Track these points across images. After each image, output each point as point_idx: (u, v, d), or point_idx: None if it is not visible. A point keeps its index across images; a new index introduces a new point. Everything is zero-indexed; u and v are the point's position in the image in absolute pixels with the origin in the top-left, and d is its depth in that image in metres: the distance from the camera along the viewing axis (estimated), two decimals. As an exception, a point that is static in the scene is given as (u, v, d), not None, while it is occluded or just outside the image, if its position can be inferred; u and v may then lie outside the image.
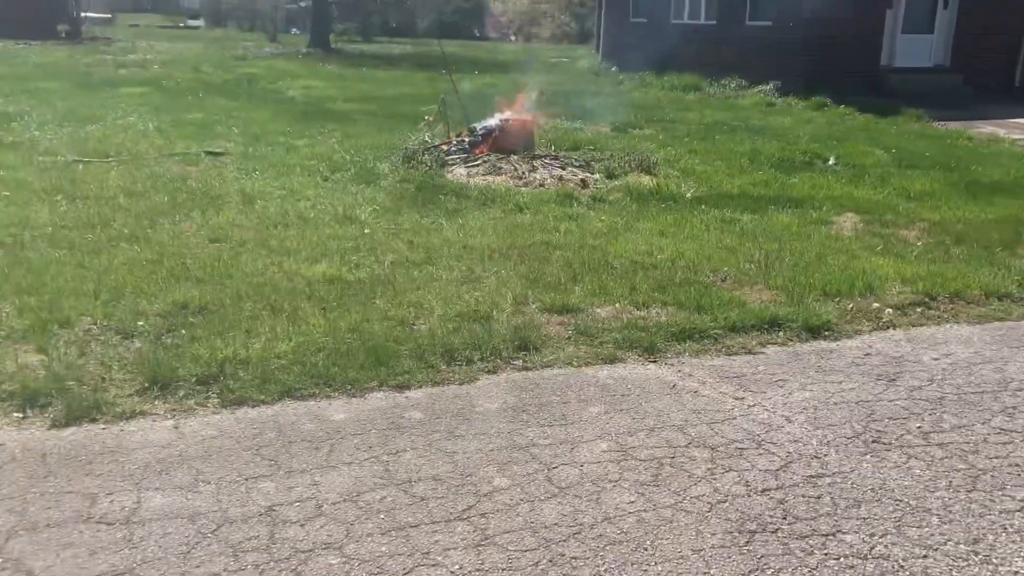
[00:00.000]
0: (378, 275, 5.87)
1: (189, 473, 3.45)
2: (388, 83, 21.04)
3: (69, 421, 3.84)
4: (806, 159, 11.02)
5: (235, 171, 9.15)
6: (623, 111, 14.90)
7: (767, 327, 5.23)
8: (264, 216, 7.31)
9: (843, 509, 3.34)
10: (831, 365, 4.77)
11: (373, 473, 3.49)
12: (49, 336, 4.66)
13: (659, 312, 5.42)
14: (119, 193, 7.90)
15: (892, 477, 3.59)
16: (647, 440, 3.86)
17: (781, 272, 6.20)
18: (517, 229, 7.19)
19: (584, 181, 9.29)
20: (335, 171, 9.31)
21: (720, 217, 7.81)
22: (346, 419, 3.95)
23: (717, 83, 19.97)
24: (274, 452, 3.63)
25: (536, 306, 5.44)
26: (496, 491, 3.40)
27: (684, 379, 4.54)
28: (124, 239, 6.47)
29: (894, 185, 9.53)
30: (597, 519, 3.23)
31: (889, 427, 4.04)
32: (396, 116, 14.00)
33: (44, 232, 6.59)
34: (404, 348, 4.67)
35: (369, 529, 3.12)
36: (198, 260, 5.98)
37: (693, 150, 11.39)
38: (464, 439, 3.82)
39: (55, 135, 11.02)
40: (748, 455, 3.75)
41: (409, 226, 7.21)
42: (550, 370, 4.61)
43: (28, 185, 8.11)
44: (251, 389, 4.15)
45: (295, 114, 14.12)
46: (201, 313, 5.05)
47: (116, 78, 19.15)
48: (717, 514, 3.29)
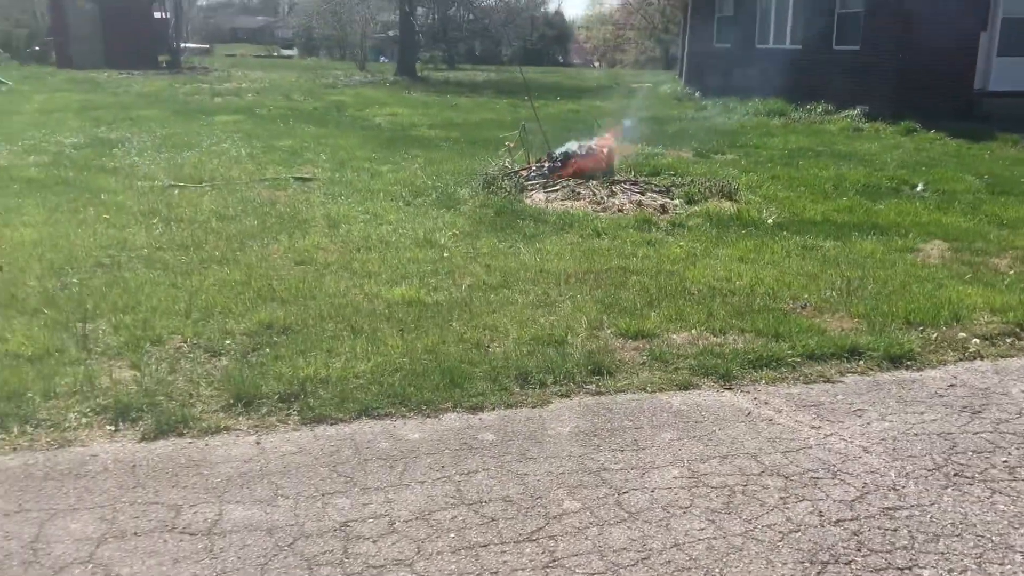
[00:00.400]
0: (455, 298, 5.97)
1: (269, 487, 3.56)
2: (471, 110, 21.36)
3: (158, 435, 4.01)
4: (893, 185, 10.79)
5: (321, 196, 9.41)
6: (705, 136, 14.83)
7: (847, 356, 5.14)
8: (348, 240, 7.51)
9: (921, 543, 3.26)
10: (912, 395, 4.67)
11: (445, 493, 3.56)
12: (142, 353, 4.87)
13: (736, 339, 5.37)
14: (211, 217, 8.21)
15: (974, 512, 3.49)
16: (719, 467, 3.83)
17: (863, 300, 6.09)
18: (594, 254, 7.22)
19: (663, 206, 9.27)
20: (417, 196, 9.50)
21: (802, 243, 7.71)
22: (420, 439, 4.03)
23: (802, 108, 19.69)
24: (350, 469, 3.73)
25: (611, 331, 5.45)
26: (565, 514, 3.42)
27: (759, 407, 4.49)
28: (215, 261, 6.72)
29: (985, 212, 9.26)
30: (666, 545, 3.22)
31: (972, 460, 3.93)
32: (478, 142, 14.20)
33: (140, 253, 6.89)
34: (478, 370, 4.74)
35: (440, 547, 3.17)
36: (284, 282, 6.18)
37: (776, 176, 11.26)
38: (535, 462, 3.85)
39: (153, 161, 11.51)
40: (823, 485, 3.69)
41: (487, 250, 7.31)
42: (623, 395, 4.61)
43: (127, 208, 8.49)
44: (330, 407, 4.26)
45: (381, 141, 14.44)
46: (285, 333, 5.21)
47: (212, 106, 19.89)
48: (789, 544, 3.25)
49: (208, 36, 63.87)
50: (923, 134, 16.08)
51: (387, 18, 47.65)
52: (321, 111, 19.51)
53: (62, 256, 6.67)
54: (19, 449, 3.84)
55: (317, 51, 60.11)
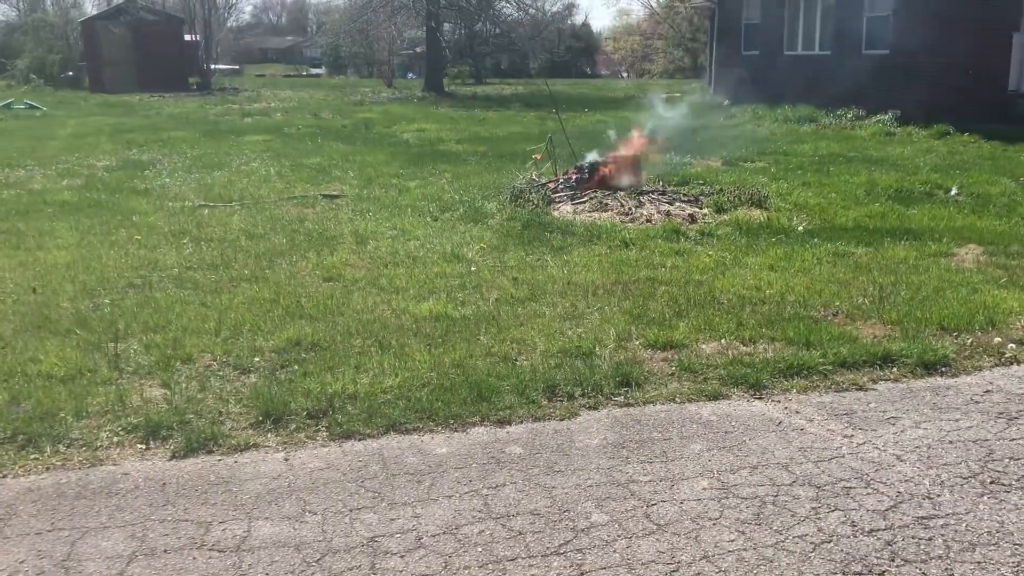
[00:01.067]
0: (483, 312, 5.97)
1: (297, 504, 3.57)
2: (498, 123, 21.42)
3: (188, 452, 4.03)
4: (926, 190, 10.65)
5: (349, 213, 9.47)
6: (734, 144, 14.75)
7: (879, 363, 5.07)
8: (375, 256, 7.55)
9: (956, 552, 3.20)
10: (947, 402, 4.59)
11: (472, 507, 3.54)
12: (172, 372, 4.92)
13: (766, 348, 5.32)
14: (240, 235, 8.29)
15: (1011, 520, 3.41)
16: (750, 478, 3.79)
17: (896, 306, 6.00)
18: (622, 265, 7.20)
19: (692, 216, 9.22)
20: (444, 211, 9.53)
21: (833, 250, 7.63)
22: (448, 453, 4.03)
23: (832, 114, 19.54)
24: (378, 484, 3.73)
25: (639, 342, 5.42)
26: (593, 527, 3.40)
27: (790, 416, 4.44)
28: (244, 279, 6.78)
29: (1021, 215, 9.12)
30: (695, 557, 3.19)
31: (1010, 467, 3.85)
32: (505, 156, 14.23)
33: (171, 273, 6.97)
34: (506, 384, 4.72)
35: (467, 562, 3.16)
36: (312, 298, 6.21)
37: (806, 182, 11.17)
38: (563, 474, 3.83)
39: (184, 181, 11.66)
40: (855, 494, 3.63)
41: (514, 263, 7.31)
42: (652, 406, 4.58)
43: (158, 229, 8.60)
44: (358, 423, 4.27)
45: (408, 156, 14.53)
46: (313, 349, 5.24)
47: (241, 126, 20.14)
48: (820, 554, 3.19)
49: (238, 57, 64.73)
50: (957, 137, 15.88)
51: (414, 34, 48.00)
52: (349, 129, 19.67)
53: (94, 277, 6.77)
54: (52, 468, 3.88)
55: (345, 69, 60.65)
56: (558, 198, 10.06)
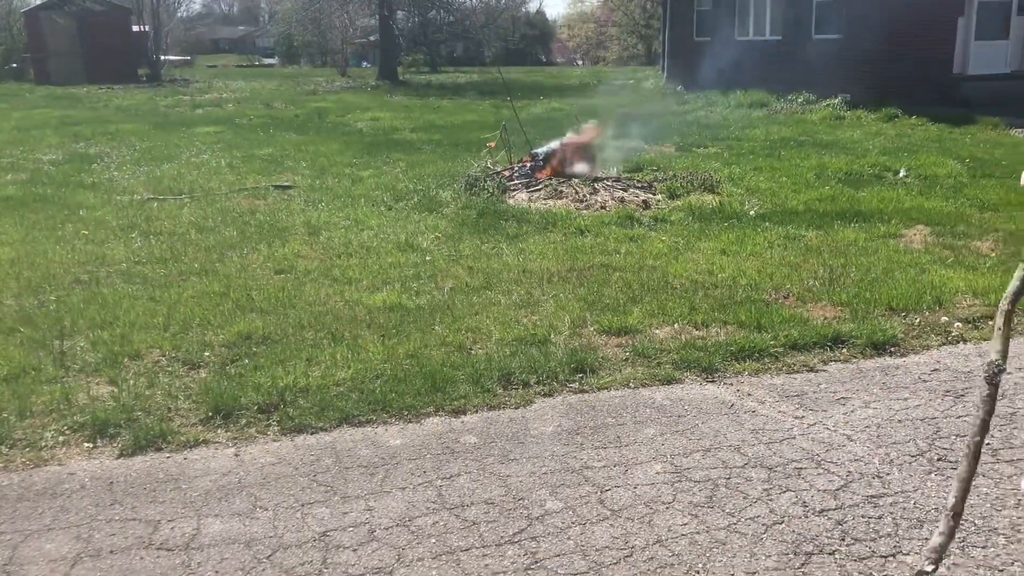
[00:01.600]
0: (437, 301, 5.93)
1: (247, 500, 3.53)
2: (453, 112, 21.31)
3: (136, 450, 3.96)
4: (875, 172, 10.80)
5: (302, 203, 9.36)
6: (687, 130, 14.82)
7: (830, 344, 5.12)
8: (328, 246, 7.47)
9: (905, 530, 3.25)
10: (896, 382, 4.65)
11: (426, 498, 3.52)
12: (120, 368, 4.82)
13: (718, 331, 5.35)
14: (190, 229, 8.15)
15: (958, 496, 3.47)
16: (702, 461, 3.81)
17: (846, 288, 6.08)
18: (577, 252, 7.20)
19: (646, 202, 9.25)
20: (399, 200, 9.46)
21: (784, 234, 7.70)
22: (402, 444, 4.00)
23: (784, 99, 19.72)
24: (330, 478, 3.69)
25: (594, 328, 5.43)
26: (548, 514, 3.39)
27: (742, 398, 4.47)
28: (194, 273, 6.67)
29: (967, 195, 9.27)
30: (649, 541, 3.20)
31: (956, 444, 3.92)
32: (460, 144, 14.16)
33: (119, 268, 6.83)
34: (461, 373, 4.70)
35: (420, 554, 3.14)
36: (263, 291, 6.13)
37: (758, 167, 11.26)
38: (518, 463, 3.82)
39: (132, 175, 11.44)
40: (807, 475, 3.67)
41: (470, 252, 7.27)
42: (606, 392, 4.59)
43: (106, 223, 8.43)
44: (310, 416, 4.22)
45: (362, 146, 14.39)
46: (264, 343, 5.17)
47: (192, 118, 19.80)
48: (773, 536, 3.22)
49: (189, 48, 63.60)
50: (905, 120, 16.11)
51: (367, 23, 47.54)
52: (302, 118, 19.44)
53: (39, 274, 6.61)
54: (-6, 470, 3.79)
55: (298, 59, 59.91)
56: (513, 186, 10.03)
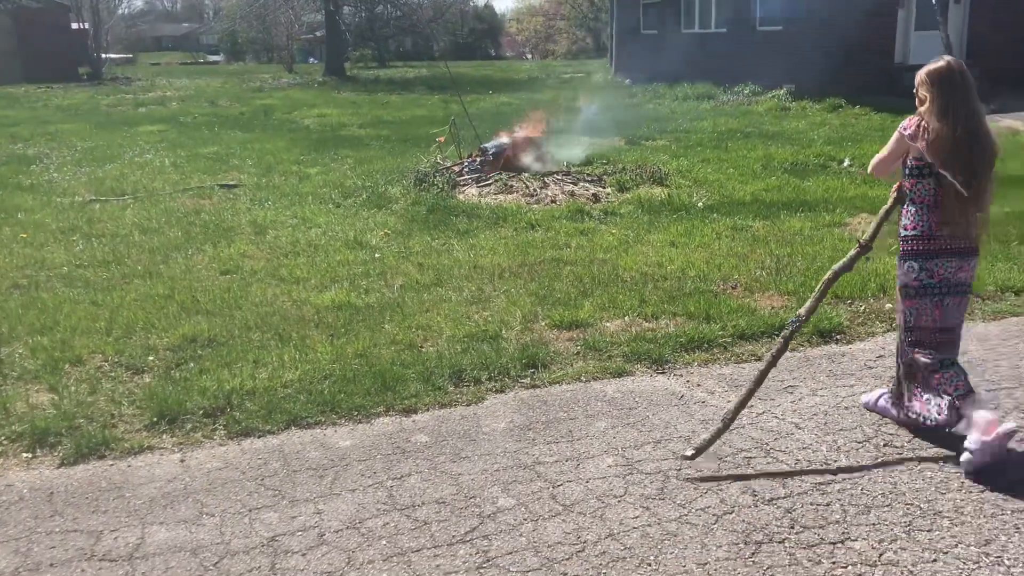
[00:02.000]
0: (387, 299, 5.88)
1: (194, 506, 3.46)
2: (402, 107, 21.18)
3: (78, 459, 3.86)
4: (820, 162, 10.95)
5: (248, 202, 9.23)
6: (636, 123, 14.89)
7: (777, 333, 5.13)
8: (275, 246, 7.37)
9: (852, 516, 3.28)
10: (842, 369, 4.71)
11: (377, 499, 3.48)
12: (60, 375, 4.71)
13: (668, 323, 5.38)
14: (134, 230, 7.99)
15: (903, 481, 3.52)
16: (653, 453, 3.82)
17: (792, 277, 6.14)
18: (528, 247, 7.19)
19: (596, 195, 9.27)
20: (347, 197, 9.37)
21: (732, 225, 7.76)
22: (351, 445, 3.95)
23: (730, 90, 19.91)
24: (278, 482, 3.63)
25: (545, 323, 5.42)
26: (500, 512, 3.37)
27: (692, 389, 4.50)
28: (137, 275, 6.54)
29: (909, 183, 9.42)
30: (601, 536, 3.19)
31: (901, 429, 3.97)
32: (409, 139, 14.08)
33: (60, 272, 6.67)
34: (411, 372, 4.66)
35: (371, 556, 3.10)
36: (208, 293, 6.03)
37: (705, 159, 11.35)
38: (469, 460, 3.80)
39: (73, 176, 11.18)
40: (756, 464, 3.70)
41: (420, 249, 7.23)
42: (558, 386, 4.58)
43: (45, 226, 8.23)
44: (257, 419, 4.16)
45: (309, 143, 14.24)
46: (210, 345, 5.08)
47: (135, 117, 19.43)
48: (723, 526, 3.24)
49: (131, 46, 62.28)
50: (848, 110, 16.36)
51: (313, 18, 47.04)
52: (248, 116, 19.18)
53: (-25, 279, 6.43)
54: (-71, 484, 3.67)
55: (244, 56, 59.06)
56: (463, 181, 9.99)
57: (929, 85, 3.61)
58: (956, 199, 3.57)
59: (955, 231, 3.63)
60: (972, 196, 3.55)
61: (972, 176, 3.54)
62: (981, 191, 3.59)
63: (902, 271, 3.79)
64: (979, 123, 3.59)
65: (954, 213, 3.60)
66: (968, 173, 3.53)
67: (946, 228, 3.63)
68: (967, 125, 3.55)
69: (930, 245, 3.67)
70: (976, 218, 3.64)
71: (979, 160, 3.57)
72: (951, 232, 3.63)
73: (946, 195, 3.60)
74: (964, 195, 3.53)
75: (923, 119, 3.63)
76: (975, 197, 3.57)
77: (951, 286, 3.70)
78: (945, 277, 3.69)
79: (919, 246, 3.70)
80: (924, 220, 3.68)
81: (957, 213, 3.59)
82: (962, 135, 3.53)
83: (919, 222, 3.69)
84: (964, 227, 3.62)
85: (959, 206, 3.58)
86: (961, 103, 3.57)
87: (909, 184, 3.73)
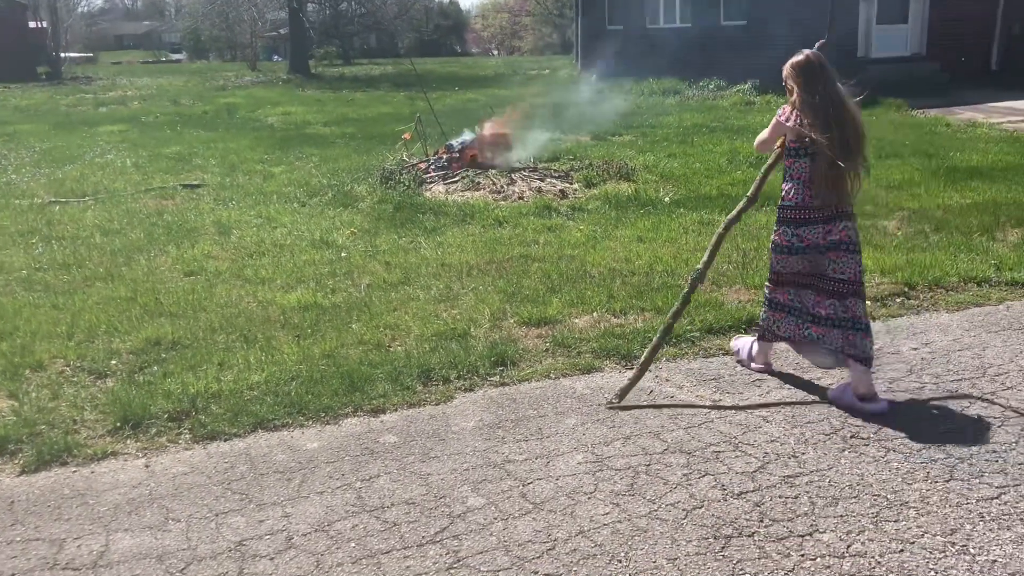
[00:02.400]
0: (354, 299, 5.84)
1: (159, 512, 3.40)
2: (367, 104, 21.06)
3: (39, 466, 3.79)
4: (785, 155, 10.99)
5: (211, 202, 9.12)
6: (602, 119, 14.91)
7: (744, 327, 5.20)
8: (240, 246, 7.29)
9: (820, 508, 3.30)
10: (808, 363, 4.73)
11: (345, 501, 3.45)
12: (20, 380, 4.62)
13: (636, 318, 5.39)
14: (95, 232, 7.87)
15: (870, 472, 3.55)
16: (623, 449, 3.82)
17: (758, 271, 6.17)
18: (495, 244, 7.17)
19: (563, 192, 9.27)
20: (312, 196, 9.29)
21: (698, 219, 7.80)
22: (319, 447, 3.91)
23: (695, 85, 20.01)
24: (245, 486, 3.58)
25: (514, 320, 5.41)
26: (470, 511, 3.36)
27: (661, 384, 4.51)
28: (99, 278, 6.43)
29: (873, 175, 9.44)
30: (571, 533, 3.19)
31: (868, 421, 4.00)
32: (375, 137, 14.00)
33: (19, 276, 6.55)
34: (379, 371, 4.63)
35: (339, 559, 3.07)
36: (172, 295, 5.95)
37: (672, 154, 11.39)
38: (439, 460, 3.77)
39: (32, 177, 11.00)
40: (725, 458, 3.71)
41: (387, 247, 7.18)
42: (527, 384, 4.57)
43: (4, 229, 8.08)
44: (223, 423, 4.10)
45: (273, 141, 14.11)
46: (174, 348, 5.01)
47: (95, 117, 19.16)
48: (693, 521, 3.25)
49: (91, 44, 61.47)
50: (811, 104, 16.46)
51: (277, 16, 46.65)
52: (211, 115, 18.97)
53: (-68, 284, 6.30)
54: None
55: (207, 54, 58.45)
56: (430, 178, 9.95)
57: (795, 76, 4.15)
58: (827, 174, 4.06)
59: (825, 201, 4.11)
60: (839, 171, 4.03)
61: (844, 149, 4.02)
62: (853, 162, 4.07)
63: (778, 233, 4.31)
64: (842, 103, 4.08)
65: (824, 186, 4.09)
66: (840, 147, 4.00)
67: (817, 200, 4.12)
68: (831, 106, 4.03)
69: (802, 215, 4.19)
70: (846, 188, 4.11)
71: (849, 135, 4.04)
72: (821, 203, 4.12)
73: (817, 172, 4.09)
74: (835, 170, 4.02)
75: (794, 106, 4.13)
76: (842, 171, 4.04)
77: (825, 248, 4.16)
78: (814, 242, 4.18)
79: (793, 215, 4.22)
80: (800, 193, 4.18)
81: (827, 186, 4.08)
82: (830, 116, 4.02)
83: (795, 195, 4.20)
84: (833, 197, 4.10)
85: (829, 180, 4.06)
86: (823, 89, 4.06)
87: (788, 163, 4.25)
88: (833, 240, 4.14)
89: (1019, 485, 3.41)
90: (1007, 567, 2.92)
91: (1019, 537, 3.08)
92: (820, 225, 4.14)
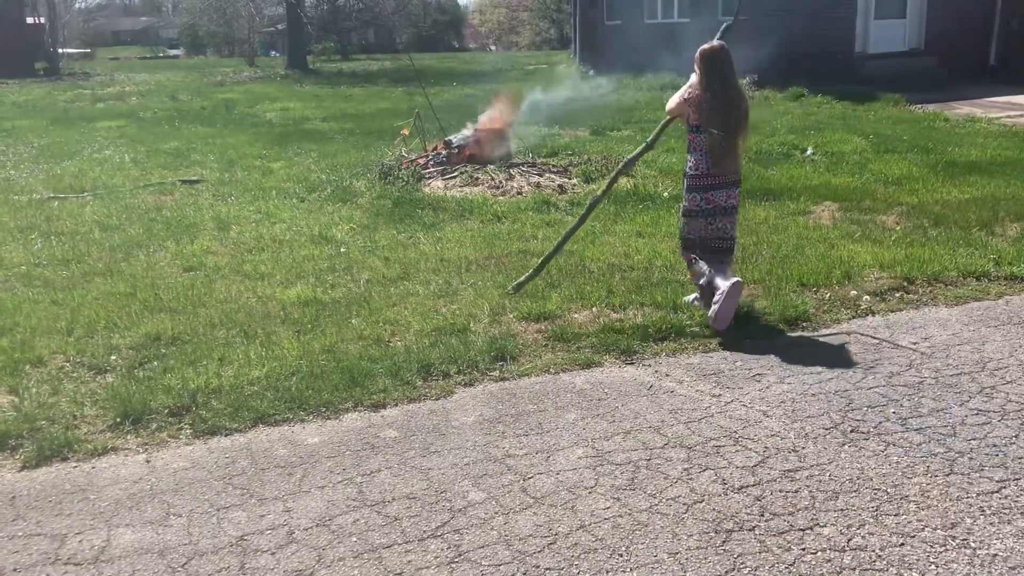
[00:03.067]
0: (354, 294, 5.84)
1: (160, 507, 3.41)
2: (365, 100, 21.04)
3: (40, 462, 3.80)
4: (783, 151, 11.02)
5: (210, 198, 9.12)
6: (601, 114, 14.90)
7: (744, 321, 5.20)
8: (239, 242, 7.28)
9: (821, 502, 3.31)
10: (809, 356, 4.74)
11: (346, 496, 3.45)
12: (21, 376, 4.62)
13: (636, 313, 5.39)
14: (94, 227, 7.86)
15: (870, 466, 3.56)
16: (623, 443, 3.82)
17: (758, 265, 6.19)
18: (494, 239, 7.17)
19: (561, 187, 9.27)
20: (311, 192, 9.29)
21: (697, 214, 7.78)
22: (320, 442, 3.92)
23: (694, 80, 19.94)
24: (246, 480, 3.59)
25: (513, 315, 5.41)
26: (471, 506, 3.36)
27: (661, 379, 4.51)
28: (98, 274, 6.43)
29: (872, 171, 9.54)
30: (572, 527, 3.19)
31: (867, 415, 4.02)
32: (373, 132, 13.98)
33: (18, 271, 6.54)
34: (379, 366, 4.63)
35: (341, 553, 3.08)
36: (172, 290, 5.95)
37: (670, 148, 11.35)
38: (439, 455, 3.78)
39: (31, 173, 10.97)
40: (725, 453, 3.72)
41: (386, 242, 7.18)
42: (527, 379, 4.57)
43: (3, 225, 8.06)
44: (223, 418, 4.11)
45: (272, 137, 14.09)
46: (174, 344, 5.01)
47: (93, 112, 19.12)
48: (693, 515, 3.25)
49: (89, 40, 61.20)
50: (811, 98, 16.50)
51: (274, 11, 46.55)
52: (209, 110, 18.94)
53: (-69, 280, 6.29)
54: None
55: (204, 50, 58.30)
56: (428, 174, 9.95)
57: (700, 62, 5.01)
58: (719, 147, 4.94)
59: (722, 170, 5.01)
60: (729, 145, 4.95)
61: (726, 129, 4.91)
62: (735, 140, 4.97)
63: (687, 199, 5.15)
64: (734, 90, 4.98)
65: (719, 158, 4.98)
66: (724, 128, 4.91)
67: (716, 168, 5.00)
68: (723, 92, 4.93)
69: (706, 181, 5.05)
70: (738, 158, 5.10)
71: (732, 118, 4.93)
72: (719, 171, 5.01)
73: (713, 145, 4.95)
74: (728, 142, 4.91)
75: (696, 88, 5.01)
76: (732, 145, 4.97)
77: (724, 210, 5.08)
78: (719, 204, 5.07)
79: (699, 182, 5.07)
80: (703, 163, 5.04)
81: (721, 158, 4.97)
82: (720, 99, 4.92)
83: (699, 164, 5.06)
84: (727, 166, 5.01)
85: (722, 152, 4.96)
86: (720, 76, 4.94)
87: (691, 137, 5.07)
88: (732, 204, 5.08)
89: (1019, 479, 3.42)
90: (1008, 561, 2.93)
91: (1019, 531, 3.09)
92: (724, 190, 5.03)
